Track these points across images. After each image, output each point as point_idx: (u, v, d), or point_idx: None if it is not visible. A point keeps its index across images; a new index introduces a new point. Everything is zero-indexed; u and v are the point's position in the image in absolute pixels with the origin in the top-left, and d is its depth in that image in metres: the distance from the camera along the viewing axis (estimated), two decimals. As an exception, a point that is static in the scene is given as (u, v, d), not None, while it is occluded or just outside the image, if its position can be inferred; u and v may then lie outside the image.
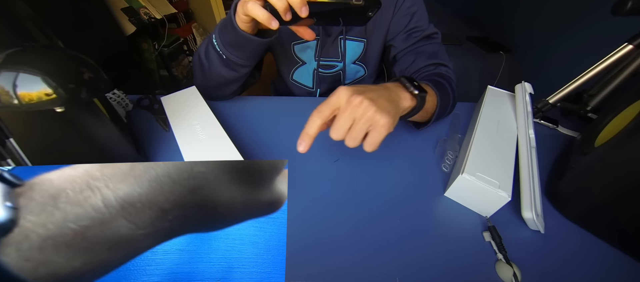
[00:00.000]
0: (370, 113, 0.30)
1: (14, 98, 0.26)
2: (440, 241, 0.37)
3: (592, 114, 0.52)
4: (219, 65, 0.50)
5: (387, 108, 0.31)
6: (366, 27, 0.61)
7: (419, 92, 0.37)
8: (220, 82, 0.53)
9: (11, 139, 0.30)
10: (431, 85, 0.45)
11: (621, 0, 0.43)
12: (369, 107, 0.30)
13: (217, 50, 0.48)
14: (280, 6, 0.35)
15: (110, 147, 0.40)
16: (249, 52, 0.47)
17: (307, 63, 0.66)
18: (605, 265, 0.35)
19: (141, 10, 1.42)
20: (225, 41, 0.47)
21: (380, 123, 0.30)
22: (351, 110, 0.30)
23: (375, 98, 0.31)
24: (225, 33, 0.46)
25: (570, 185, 0.40)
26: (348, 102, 0.30)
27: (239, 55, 0.48)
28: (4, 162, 0.30)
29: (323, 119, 0.31)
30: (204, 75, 0.53)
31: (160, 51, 1.59)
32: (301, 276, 0.32)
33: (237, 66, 0.50)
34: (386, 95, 0.33)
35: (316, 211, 0.39)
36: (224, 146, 0.41)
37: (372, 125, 0.30)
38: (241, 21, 0.41)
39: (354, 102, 0.30)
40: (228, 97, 0.59)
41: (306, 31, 0.41)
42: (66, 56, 0.30)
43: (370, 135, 0.31)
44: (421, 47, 0.58)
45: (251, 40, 0.44)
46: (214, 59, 0.50)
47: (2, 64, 0.26)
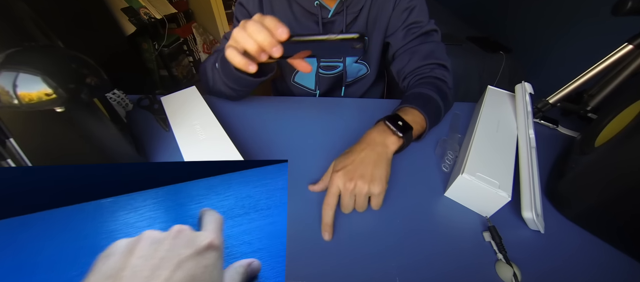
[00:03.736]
0: (366, 189, 0.36)
1: (14, 98, 0.26)
2: (440, 241, 0.37)
3: (592, 114, 0.52)
4: (223, 86, 0.52)
5: (378, 175, 0.36)
6: (367, 25, 0.61)
7: (404, 135, 0.41)
8: (227, 95, 0.56)
9: (11, 139, 0.30)
10: (418, 108, 0.46)
11: (621, 0, 0.43)
12: (363, 186, 0.35)
13: (220, 76, 0.50)
14: (253, 50, 0.36)
15: (110, 147, 0.40)
16: (247, 87, 0.49)
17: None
18: (605, 265, 0.35)
19: (141, 10, 1.42)
20: (225, 73, 0.48)
21: (376, 192, 0.36)
22: (350, 194, 0.36)
23: (365, 173, 0.36)
24: (225, 67, 0.47)
25: (570, 185, 0.40)
26: (345, 188, 0.36)
27: (237, 88, 0.50)
28: (4, 162, 0.30)
29: (333, 208, 0.36)
30: (209, 88, 0.56)
31: (160, 51, 1.59)
32: (301, 276, 0.32)
33: (240, 91, 0.52)
34: (373, 160, 0.38)
35: (316, 211, 0.39)
36: (224, 146, 0.41)
37: (371, 195, 0.36)
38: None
39: (349, 187, 0.36)
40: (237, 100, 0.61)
41: (300, 64, 0.41)
42: (66, 56, 0.30)
43: (372, 201, 0.37)
44: (417, 46, 0.58)
45: (246, 79, 0.46)
46: (219, 81, 0.52)
47: (2, 64, 0.26)
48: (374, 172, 0.36)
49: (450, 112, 0.58)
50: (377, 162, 0.37)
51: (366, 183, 0.35)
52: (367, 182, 0.35)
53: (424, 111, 0.46)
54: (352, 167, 0.37)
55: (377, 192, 0.36)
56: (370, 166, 0.37)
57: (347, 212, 0.38)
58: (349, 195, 0.36)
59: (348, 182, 0.36)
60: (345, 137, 0.50)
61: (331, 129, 0.54)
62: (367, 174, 0.36)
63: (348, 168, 0.37)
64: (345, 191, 0.36)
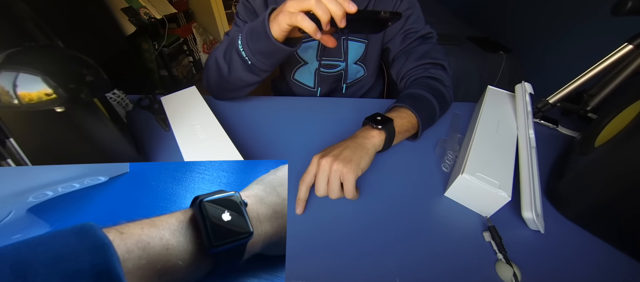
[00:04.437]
0: (335, 166, 0.37)
1: (14, 98, 0.26)
2: (440, 241, 0.37)
3: (592, 114, 0.52)
4: (241, 70, 0.51)
5: (349, 157, 0.38)
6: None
7: (383, 127, 0.43)
8: (239, 86, 0.54)
9: (11, 139, 0.30)
10: (408, 106, 0.48)
11: (621, 0, 0.43)
12: (333, 162, 0.37)
13: (242, 55, 0.49)
14: (324, 19, 0.38)
15: (110, 147, 0.40)
16: (277, 59, 0.49)
17: (309, 63, 0.66)
18: (605, 265, 0.35)
19: (141, 10, 1.42)
20: (254, 49, 0.47)
21: (345, 170, 0.37)
22: (322, 171, 0.37)
23: (338, 154, 0.38)
24: (256, 41, 0.46)
25: (570, 185, 0.40)
26: (319, 165, 0.38)
27: (266, 62, 0.49)
28: (4, 162, 0.30)
29: (307, 185, 0.39)
30: (221, 78, 0.54)
31: (160, 51, 1.59)
32: (301, 276, 0.32)
33: (260, 71, 0.51)
34: (351, 147, 0.40)
35: (316, 211, 0.39)
36: (224, 146, 0.41)
37: (341, 175, 0.37)
38: (280, 29, 0.42)
39: (322, 164, 0.38)
40: (240, 98, 0.60)
41: (330, 39, 0.43)
42: (66, 56, 0.30)
43: (343, 183, 0.37)
44: (414, 48, 0.59)
45: (283, 50, 0.45)
46: (237, 64, 0.50)
47: (2, 64, 0.26)
48: (347, 154, 0.38)
49: (450, 112, 0.58)
50: (355, 149, 0.39)
51: (337, 160, 0.37)
52: (341, 162, 0.37)
53: (414, 109, 0.47)
54: (330, 149, 0.40)
55: (346, 170, 0.37)
56: (347, 150, 0.39)
57: (319, 193, 0.38)
58: (321, 173, 0.37)
59: (323, 159, 0.38)
60: (345, 137, 0.50)
61: (331, 129, 0.54)
62: (340, 154, 0.38)
63: (327, 151, 0.40)
64: (318, 167, 0.38)
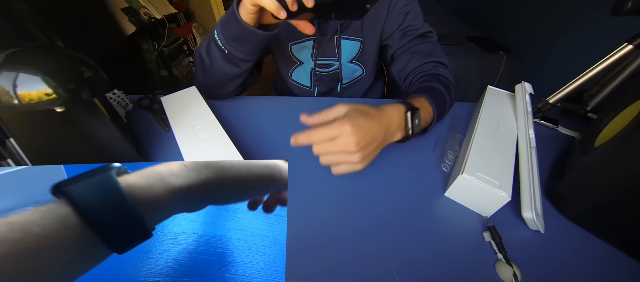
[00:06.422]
0: (354, 159, 0.35)
1: (14, 98, 0.26)
2: (440, 241, 0.37)
3: (592, 114, 0.52)
4: (220, 61, 0.50)
5: (369, 157, 0.37)
6: (362, 26, 0.61)
7: (411, 135, 0.41)
8: (222, 79, 0.54)
9: (11, 139, 0.30)
10: (428, 99, 0.46)
11: (621, 0, 0.43)
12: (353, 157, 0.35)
13: (219, 45, 0.49)
14: None
15: (110, 147, 0.40)
16: (252, 45, 0.48)
17: (305, 63, 0.66)
18: (605, 265, 0.35)
19: (141, 10, 1.42)
20: (227, 35, 0.47)
21: (356, 167, 0.36)
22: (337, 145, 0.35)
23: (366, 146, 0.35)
24: (228, 27, 0.46)
25: (570, 185, 0.40)
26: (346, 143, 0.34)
27: (241, 49, 0.48)
28: (4, 162, 0.30)
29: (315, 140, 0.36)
30: (206, 72, 0.53)
31: (160, 51, 1.59)
32: (301, 276, 0.32)
33: (238, 61, 0.50)
34: (379, 144, 0.38)
35: (316, 211, 0.39)
36: (224, 146, 0.41)
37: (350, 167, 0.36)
38: (247, 12, 0.42)
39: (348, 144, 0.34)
40: (229, 95, 0.59)
41: (306, 25, 0.42)
42: (66, 56, 0.30)
43: (342, 167, 0.36)
44: (416, 46, 0.59)
45: (254, 33, 0.45)
46: (216, 55, 0.50)
47: (2, 64, 0.26)
48: (373, 155, 0.38)
49: (450, 112, 0.58)
50: (378, 147, 0.38)
51: (360, 156, 0.35)
52: (360, 156, 0.35)
53: (433, 103, 0.46)
54: (362, 133, 0.35)
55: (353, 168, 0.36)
56: (374, 146, 0.37)
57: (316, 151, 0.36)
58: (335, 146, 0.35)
59: (353, 140, 0.34)
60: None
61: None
62: (366, 154, 0.36)
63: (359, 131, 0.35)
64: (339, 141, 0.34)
